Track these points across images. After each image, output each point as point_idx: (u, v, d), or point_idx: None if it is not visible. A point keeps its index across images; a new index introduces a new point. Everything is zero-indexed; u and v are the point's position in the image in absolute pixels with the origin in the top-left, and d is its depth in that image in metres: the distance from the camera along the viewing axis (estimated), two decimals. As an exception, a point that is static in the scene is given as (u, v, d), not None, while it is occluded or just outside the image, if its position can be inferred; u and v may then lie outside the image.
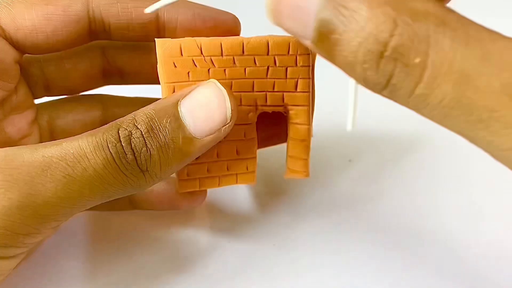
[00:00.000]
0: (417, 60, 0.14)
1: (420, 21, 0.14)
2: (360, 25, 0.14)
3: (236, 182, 0.24)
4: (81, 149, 0.19)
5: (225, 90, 0.21)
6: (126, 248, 0.27)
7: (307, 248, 0.27)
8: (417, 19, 0.14)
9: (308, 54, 0.22)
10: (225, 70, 0.22)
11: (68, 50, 0.25)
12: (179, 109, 0.20)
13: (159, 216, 0.29)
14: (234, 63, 0.22)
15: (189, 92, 0.21)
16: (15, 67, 0.23)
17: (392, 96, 0.15)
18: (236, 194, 0.30)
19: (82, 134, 0.20)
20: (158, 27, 0.24)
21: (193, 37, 0.22)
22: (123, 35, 0.24)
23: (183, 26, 0.24)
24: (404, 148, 0.34)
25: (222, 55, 0.22)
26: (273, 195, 0.30)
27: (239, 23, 0.25)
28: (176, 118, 0.20)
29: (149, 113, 0.20)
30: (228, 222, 0.29)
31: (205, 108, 0.20)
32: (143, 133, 0.20)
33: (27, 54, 0.24)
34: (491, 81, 0.14)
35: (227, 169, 0.23)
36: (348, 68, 0.15)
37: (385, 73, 0.15)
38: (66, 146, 0.19)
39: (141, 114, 0.20)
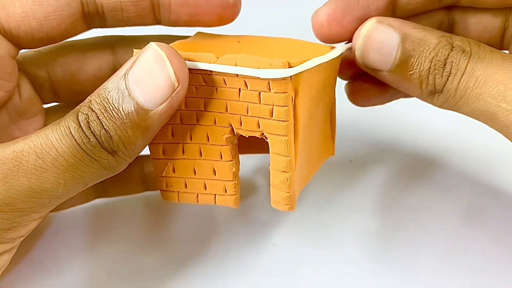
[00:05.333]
0: (465, 58, 0.21)
1: (465, 43, 0.22)
2: (432, 48, 0.22)
3: (215, 203, 0.24)
4: (47, 139, 0.19)
5: (164, 52, 0.19)
6: (126, 247, 0.28)
7: (307, 248, 0.28)
8: (464, 43, 0.22)
9: (283, 79, 0.20)
10: (196, 87, 0.21)
11: (75, 49, 0.25)
12: (126, 83, 0.19)
13: (161, 212, 0.30)
14: (204, 81, 0.21)
15: (134, 60, 0.20)
16: (11, 63, 0.22)
17: (447, 93, 0.22)
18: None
19: (50, 124, 0.20)
20: (152, 5, 0.23)
21: (190, 12, 0.22)
22: (117, 17, 0.23)
23: (177, 1, 0.23)
24: (404, 148, 0.33)
25: (191, 72, 0.21)
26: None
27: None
28: (126, 93, 0.19)
29: (102, 92, 0.20)
30: (228, 221, 0.29)
31: (149, 76, 0.19)
32: (98, 114, 0.19)
33: (27, 54, 0.24)
34: (505, 63, 0.21)
35: (205, 188, 0.23)
36: (419, 82, 0.22)
37: (446, 72, 0.21)
38: (34, 138, 0.19)
39: (95, 95, 0.20)
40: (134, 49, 0.21)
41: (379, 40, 0.22)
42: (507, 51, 0.26)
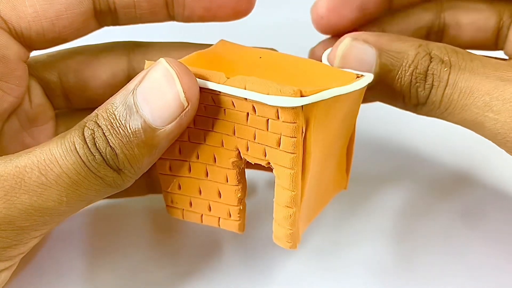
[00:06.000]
0: (445, 69, 0.21)
1: (442, 52, 0.22)
2: (411, 60, 0.21)
3: (219, 226, 0.23)
4: (51, 154, 0.18)
5: (174, 70, 0.19)
6: (130, 252, 0.28)
7: (307, 248, 0.27)
8: (441, 52, 0.21)
9: (293, 108, 0.18)
10: (205, 106, 0.21)
11: (88, 54, 0.25)
12: (134, 99, 0.19)
13: (161, 215, 0.29)
14: (213, 101, 0.20)
15: (144, 76, 0.19)
16: (21, 66, 0.22)
17: (431, 105, 0.22)
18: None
19: (55, 137, 0.19)
20: (166, 0, 0.23)
21: (204, 5, 0.22)
22: (130, 14, 0.23)
23: None
24: (404, 149, 0.33)
25: (201, 90, 0.20)
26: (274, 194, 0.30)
27: None
28: (134, 109, 0.19)
29: (109, 107, 0.19)
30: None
31: (158, 93, 0.19)
32: (104, 131, 0.19)
33: (39, 58, 0.24)
34: (487, 72, 0.21)
35: (209, 209, 0.23)
36: (401, 95, 0.22)
37: (428, 85, 0.21)
38: (38, 153, 0.19)
39: (102, 109, 0.19)
40: (146, 61, 0.21)
41: (356, 58, 0.22)
42: (502, 51, 0.26)
